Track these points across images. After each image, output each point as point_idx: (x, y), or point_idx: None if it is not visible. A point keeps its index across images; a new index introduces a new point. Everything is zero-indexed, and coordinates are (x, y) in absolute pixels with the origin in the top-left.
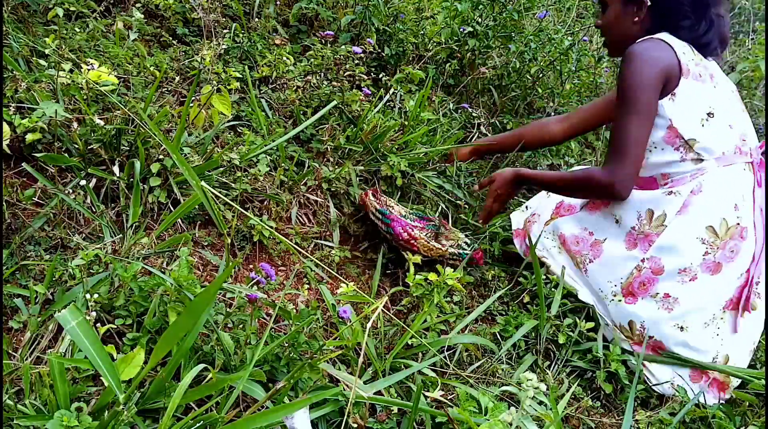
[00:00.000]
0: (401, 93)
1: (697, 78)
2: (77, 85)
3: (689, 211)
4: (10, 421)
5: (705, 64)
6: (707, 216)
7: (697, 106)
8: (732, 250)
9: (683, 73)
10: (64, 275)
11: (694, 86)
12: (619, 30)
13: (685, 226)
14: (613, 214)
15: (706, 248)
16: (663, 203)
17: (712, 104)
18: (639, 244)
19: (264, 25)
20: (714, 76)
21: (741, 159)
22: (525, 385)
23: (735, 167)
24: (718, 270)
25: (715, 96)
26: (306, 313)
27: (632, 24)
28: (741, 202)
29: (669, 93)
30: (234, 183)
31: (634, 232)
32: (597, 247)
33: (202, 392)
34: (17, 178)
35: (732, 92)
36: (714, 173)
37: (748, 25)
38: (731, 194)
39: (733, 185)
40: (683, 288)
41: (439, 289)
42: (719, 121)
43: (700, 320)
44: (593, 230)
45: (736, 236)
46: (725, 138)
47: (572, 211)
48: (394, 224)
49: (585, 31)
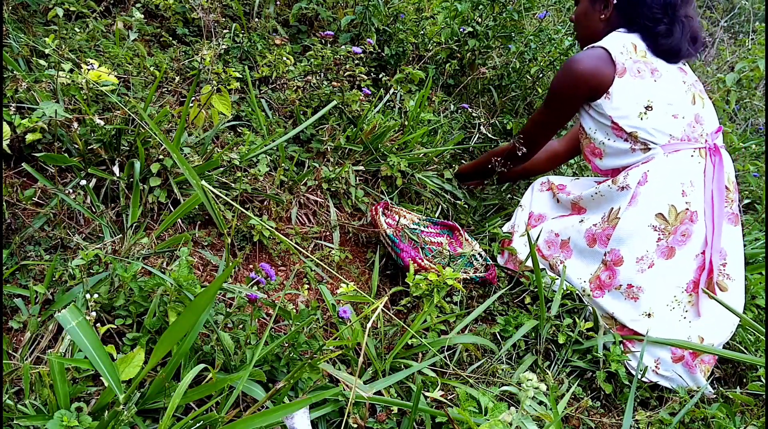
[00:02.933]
0: (401, 93)
1: (634, 74)
2: (77, 85)
3: (638, 202)
4: (10, 421)
5: (648, 59)
6: (655, 204)
7: (634, 101)
8: (683, 235)
9: (618, 73)
10: (64, 275)
11: (630, 83)
12: (587, 25)
13: (636, 216)
14: (581, 216)
15: (659, 235)
16: (618, 199)
17: (650, 97)
18: (598, 239)
19: (264, 25)
20: (657, 69)
21: (689, 145)
22: (525, 385)
23: (682, 154)
24: (672, 254)
25: (655, 89)
26: (306, 313)
27: (599, 21)
28: (689, 188)
29: (603, 94)
30: (234, 183)
31: (593, 229)
32: (566, 247)
33: (202, 392)
34: (17, 178)
35: (684, 83)
36: (659, 162)
37: (748, 25)
38: (677, 180)
39: (679, 172)
40: (643, 276)
41: (439, 289)
42: (659, 111)
43: (664, 304)
44: (559, 232)
45: (686, 220)
46: (668, 127)
47: (542, 219)
48: (404, 255)
49: None
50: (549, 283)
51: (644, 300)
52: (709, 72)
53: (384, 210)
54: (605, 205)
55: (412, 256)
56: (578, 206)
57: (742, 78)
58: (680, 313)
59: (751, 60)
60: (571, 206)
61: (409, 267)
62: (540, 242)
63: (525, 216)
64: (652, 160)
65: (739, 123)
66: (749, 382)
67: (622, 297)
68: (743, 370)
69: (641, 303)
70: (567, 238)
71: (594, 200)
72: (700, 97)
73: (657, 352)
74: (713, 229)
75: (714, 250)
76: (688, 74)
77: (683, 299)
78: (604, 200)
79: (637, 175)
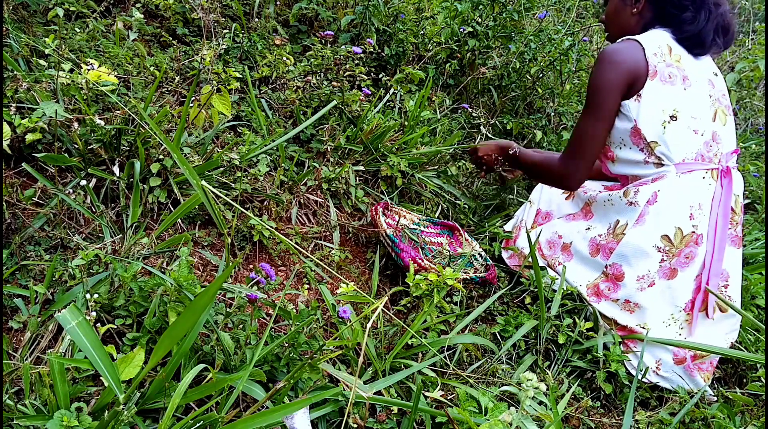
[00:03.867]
0: (401, 93)
1: (665, 79)
2: (77, 85)
3: (645, 221)
4: (10, 421)
5: (681, 65)
6: (663, 225)
7: (660, 107)
8: (687, 257)
9: (650, 74)
10: (64, 275)
11: (660, 88)
12: (619, 23)
13: (642, 235)
14: (588, 222)
15: (662, 256)
16: (626, 213)
17: (677, 107)
18: (601, 250)
19: (264, 25)
20: (688, 78)
21: (702, 166)
22: (525, 385)
23: (694, 175)
24: (674, 275)
25: (683, 98)
26: (306, 313)
27: (630, 17)
28: (697, 211)
29: (635, 94)
30: (234, 183)
31: (597, 239)
32: (567, 250)
33: (202, 392)
34: (17, 178)
35: (710, 97)
36: (671, 181)
37: (748, 25)
38: (687, 203)
39: (689, 194)
40: (643, 294)
41: (439, 289)
42: (682, 124)
43: (660, 321)
44: (562, 234)
45: (691, 244)
46: (687, 144)
47: (549, 218)
48: (404, 255)
49: (585, 31)
50: (549, 283)
51: (640, 315)
52: None
53: (384, 210)
54: (612, 215)
55: (412, 256)
56: (588, 208)
57: (742, 78)
58: (675, 331)
59: (751, 60)
60: (583, 205)
61: (409, 267)
62: (542, 241)
63: (533, 212)
64: (663, 179)
65: (739, 123)
66: (749, 382)
67: (618, 308)
68: (743, 370)
69: (637, 316)
70: (569, 242)
71: (605, 206)
72: (723, 113)
73: (659, 354)
74: (713, 252)
75: (713, 273)
76: (716, 87)
77: (680, 318)
78: (613, 210)
79: (647, 194)
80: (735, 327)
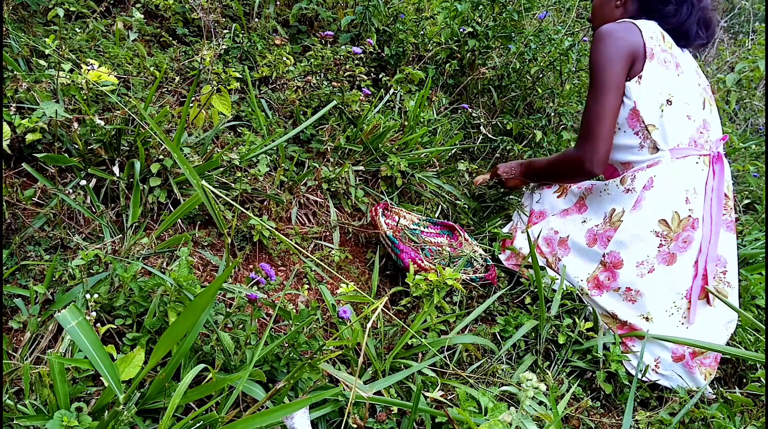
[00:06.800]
0: (401, 93)
1: (661, 63)
2: (77, 85)
3: (642, 206)
4: (10, 421)
5: (673, 52)
6: (659, 210)
7: (658, 90)
8: (685, 241)
9: (647, 55)
10: (64, 275)
11: (658, 70)
12: (603, 15)
13: (639, 220)
14: (583, 215)
15: (661, 240)
16: (621, 201)
17: (672, 91)
18: (598, 239)
19: (264, 26)
20: (680, 65)
21: (696, 152)
22: (525, 385)
23: (688, 160)
24: (673, 260)
25: (677, 84)
26: (306, 313)
27: (615, 9)
28: (692, 195)
29: (636, 75)
30: (234, 183)
31: (594, 229)
32: (564, 244)
33: (202, 392)
34: (17, 178)
35: (699, 86)
36: (666, 166)
37: (748, 25)
38: (682, 187)
39: (684, 178)
40: (643, 281)
41: (439, 290)
42: (677, 109)
43: (663, 309)
44: (558, 229)
45: (688, 228)
46: (681, 128)
47: (543, 217)
48: (404, 256)
49: (585, 32)
50: (549, 283)
51: (642, 303)
52: (709, 72)
53: (384, 211)
54: (607, 205)
55: (412, 256)
56: (582, 201)
57: (742, 78)
58: (678, 319)
59: (751, 60)
60: (576, 200)
61: (409, 268)
62: (539, 240)
63: (526, 213)
64: (659, 164)
65: (739, 123)
66: (749, 382)
67: (620, 298)
68: (743, 370)
69: (639, 305)
70: (566, 236)
71: (600, 196)
72: (709, 103)
73: (657, 352)
74: (710, 237)
75: (710, 258)
76: (701, 78)
77: (682, 305)
78: (608, 199)
79: (643, 180)
80: (734, 315)
